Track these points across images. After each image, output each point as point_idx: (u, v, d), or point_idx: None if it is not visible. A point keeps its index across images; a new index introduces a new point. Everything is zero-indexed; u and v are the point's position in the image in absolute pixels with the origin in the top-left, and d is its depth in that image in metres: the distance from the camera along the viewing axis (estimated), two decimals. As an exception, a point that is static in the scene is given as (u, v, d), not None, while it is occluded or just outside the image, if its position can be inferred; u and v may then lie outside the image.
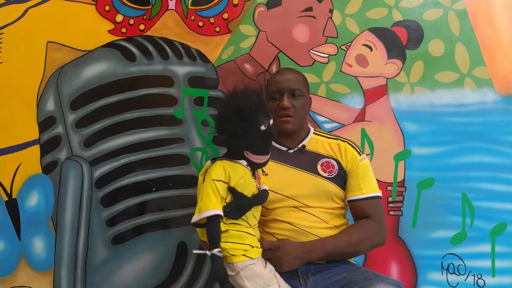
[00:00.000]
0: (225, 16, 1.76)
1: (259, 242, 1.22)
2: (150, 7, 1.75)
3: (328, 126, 1.75)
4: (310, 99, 1.49)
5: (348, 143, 1.45)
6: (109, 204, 1.72)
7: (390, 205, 1.73)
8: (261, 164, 1.23)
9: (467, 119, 1.74)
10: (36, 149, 1.73)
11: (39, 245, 1.73)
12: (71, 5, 1.74)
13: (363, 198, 1.39)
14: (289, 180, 1.38)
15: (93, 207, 1.71)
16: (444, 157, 1.74)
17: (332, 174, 1.40)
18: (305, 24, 1.76)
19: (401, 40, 1.75)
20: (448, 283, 1.74)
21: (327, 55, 1.76)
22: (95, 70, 1.73)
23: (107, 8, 1.74)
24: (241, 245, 1.17)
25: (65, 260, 1.71)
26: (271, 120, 1.19)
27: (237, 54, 1.76)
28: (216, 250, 1.11)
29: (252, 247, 1.18)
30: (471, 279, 1.73)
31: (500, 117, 1.74)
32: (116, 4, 1.75)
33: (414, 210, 1.72)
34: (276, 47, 1.76)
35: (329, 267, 1.31)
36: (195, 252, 1.25)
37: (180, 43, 1.75)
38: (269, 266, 1.21)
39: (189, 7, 1.76)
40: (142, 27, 1.75)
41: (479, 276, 1.73)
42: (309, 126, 1.50)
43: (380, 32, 1.75)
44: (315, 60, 1.76)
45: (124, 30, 1.75)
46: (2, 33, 1.74)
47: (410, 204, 1.73)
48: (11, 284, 1.72)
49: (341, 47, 1.76)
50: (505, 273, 1.73)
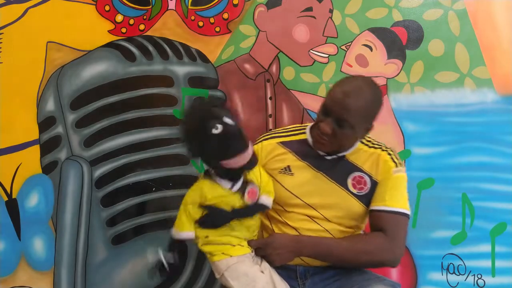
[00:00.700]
0: (225, 16, 1.76)
1: (249, 242, 1.21)
2: (150, 7, 1.75)
3: (328, 126, 1.75)
4: (371, 127, 1.27)
5: (388, 153, 1.31)
6: (109, 204, 1.72)
7: (390, 205, 1.73)
8: (246, 166, 1.14)
9: (467, 119, 1.74)
10: (36, 149, 1.73)
11: (39, 245, 1.73)
12: (71, 5, 1.74)
13: (384, 211, 1.25)
14: (314, 188, 1.29)
15: (93, 207, 1.71)
16: (444, 157, 1.74)
17: (362, 192, 1.28)
18: (305, 24, 1.76)
19: (401, 40, 1.75)
20: (448, 283, 1.74)
21: (327, 55, 1.76)
22: (95, 70, 1.73)
23: (107, 8, 1.74)
24: (220, 246, 1.17)
25: (65, 260, 1.71)
26: (226, 118, 1.09)
27: (237, 54, 1.76)
28: (169, 260, 1.19)
29: (233, 246, 1.17)
30: (471, 279, 1.73)
31: (500, 117, 1.74)
32: (116, 4, 1.75)
33: (414, 210, 1.72)
34: (276, 47, 1.76)
35: (328, 268, 1.29)
36: (159, 251, 1.24)
37: (180, 43, 1.75)
38: (264, 264, 1.21)
39: (189, 7, 1.76)
40: (142, 27, 1.75)
41: (479, 276, 1.73)
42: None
43: (380, 32, 1.75)
44: (315, 60, 1.76)
45: (124, 30, 1.75)
46: (2, 33, 1.74)
47: (410, 204, 1.70)
48: (11, 284, 1.72)
49: (341, 47, 1.76)
50: (505, 273, 1.73)
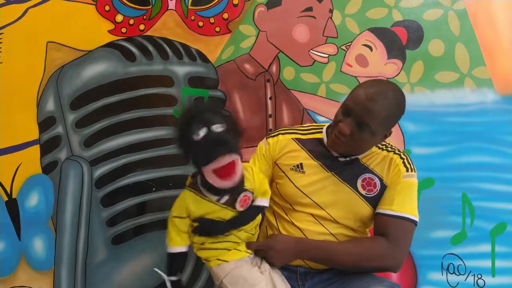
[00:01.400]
0: (225, 16, 1.76)
1: (247, 244, 1.20)
2: (150, 7, 1.75)
3: (328, 126, 1.75)
4: (389, 134, 1.26)
5: (401, 157, 1.29)
6: (109, 204, 1.72)
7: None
8: (230, 190, 1.09)
9: (467, 119, 1.74)
10: (36, 149, 1.73)
11: (39, 245, 1.73)
12: (71, 5, 1.74)
13: (390, 215, 1.23)
14: (324, 188, 1.28)
15: (93, 207, 1.71)
16: (444, 157, 1.74)
17: (371, 194, 1.27)
18: (305, 24, 1.76)
19: (401, 40, 1.75)
20: (448, 283, 1.74)
21: (327, 55, 1.76)
22: (95, 70, 1.73)
23: (107, 8, 1.74)
24: (215, 251, 1.16)
25: (65, 260, 1.71)
26: (214, 125, 1.04)
27: (237, 54, 1.76)
28: (171, 278, 1.18)
29: (229, 250, 1.16)
30: (471, 279, 1.73)
31: (500, 117, 1.74)
32: (116, 4, 1.75)
33: (414, 210, 1.72)
34: (276, 47, 1.76)
35: (328, 270, 1.29)
36: (155, 270, 1.24)
37: (180, 43, 1.75)
38: (264, 265, 1.20)
39: (189, 7, 1.76)
40: (142, 27, 1.75)
41: (479, 276, 1.73)
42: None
43: (380, 32, 1.75)
44: (315, 60, 1.76)
45: (124, 30, 1.75)
46: (2, 33, 1.74)
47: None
48: (11, 284, 1.72)
49: (341, 47, 1.76)
50: (505, 273, 1.73)
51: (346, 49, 1.76)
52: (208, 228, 1.15)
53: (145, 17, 1.75)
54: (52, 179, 1.72)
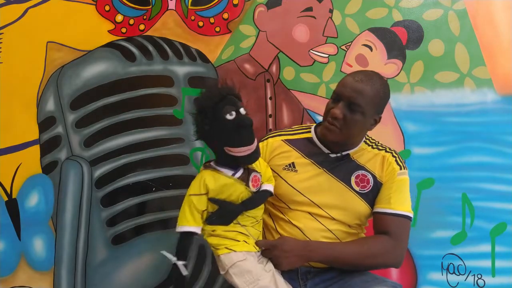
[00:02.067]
0: (225, 16, 1.76)
1: (257, 242, 1.22)
2: (150, 7, 1.75)
3: (328, 126, 1.75)
4: (379, 119, 1.32)
5: (393, 155, 1.34)
6: (109, 204, 1.72)
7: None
8: (247, 158, 1.16)
9: (467, 119, 1.74)
10: (36, 149, 1.73)
11: (39, 245, 1.73)
12: (71, 5, 1.74)
13: (389, 213, 1.28)
14: (318, 185, 1.31)
15: (93, 207, 1.71)
16: (444, 157, 1.74)
17: (365, 190, 1.30)
18: (305, 24, 1.76)
19: (401, 40, 1.75)
20: (448, 283, 1.74)
21: (327, 55, 1.76)
22: (95, 70, 1.73)
23: (107, 8, 1.74)
24: (225, 240, 1.18)
25: (65, 260, 1.71)
26: (242, 109, 1.15)
27: (237, 54, 1.76)
28: (180, 262, 1.16)
29: (238, 241, 1.18)
30: (471, 279, 1.73)
31: (500, 117, 1.74)
32: (116, 4, 1.75)
33: (414, 210, 1.72)
34: (276, 47, 1.76)
35: (329, 270, 1.29)
36: (162, 252, 1.24)
37: (180, 43, 1.75)
38: (269, 265, 1.21)
39: (189, 7, 1.76)
40: (142, 27, 1.75)
41: (479, 276, 1.73)
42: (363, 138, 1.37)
43: (380, 32, 1.75)
44: (315, 60, 1.76)
45: (124, 30, 1.75)
46: (2, 33, 1.74)
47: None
48: (11, 284, 1.72)
49: (341, 47, 1.76)
50: (505, 273, 1.73)
51: (346, 49, 1.76)
52: (222, 214, 1.17)
53: (145, 17, 1.75)
54: (52, 179, 1.72)
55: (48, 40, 1.74)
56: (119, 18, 1.75)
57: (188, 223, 1.17)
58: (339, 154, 1.33)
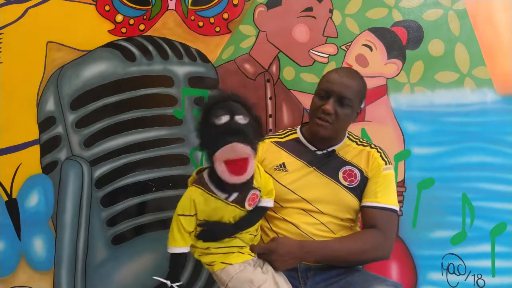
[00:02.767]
0: (225, 16, 1.76)
1: (251, 247, 1.21)
2: (150, 7, 1.75)
3: (328, 126, 1.75)
4: (360, 111, 1.39)
5: (377, 151, 1.39)
6: (109, 204, 1.72)
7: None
8: (236, 186, 1.07)
9: (467, 119, 1.74)
10: (36, 149, 1.73)
11: (39, 245, 1.73)
12: (71, 5, 1.74)
13: (376, 207, 1.32)
14: (308, 183, 1.35)
15: (93, 207, 1.71)
16: (444, 157, 1.74)
17: (352, 184, 1.35)
18: (305, 24, 1.76)
19: (401, 40, 1.75)
20: (448, 283, 1.74)
21: (327, 55, 1.76)
22: (95, 70, 1.73)
23: (107, 8, 1.74)
24: (218, 255, 1.16)
25: (65, 260, 1.71)
26: (238, 117, 1.05)
27: (237, 54, 1.76)
28: (175, 284, 1.14)
29: (233, 253, 1.16)
30: (471, 279, 1.73)
31: (500, 117, 1.73)
32: (116, 4, 1.75)
33: (414, 210, 1.72)
34: (276, 47, 1.76)
35: (329, 268, 1.31)
36: (154, 278, 1.20)
37: (180, 43, 1.75)
38: (266, 266, 1.20)
39: (189, 7, 1.76)
40: (142, 27, 1.75)
41: (479, 276, 1.73)
42: (346, 132, 1.44)
43: (380, 32, 1.75)
44: (315, 60, 1.76)
45: (124, 30, 1.75)
46: (2, 33, 1.74)
47: (410, 204, 1.73)
48: (11, 284, 1.72)
49: (341, 47, 1.76)
50: (505, 273, 1.73)
51: (346, 49, 1.76)
52: (214, 232, 1.14)
53: (145, 17, 1.75)
54: (52, 179, 1.72)
55: (48, 40, 1.74)
56: (119, 18, 1.75)
57: (177, 244, 1.14)
58: (325, 151, 1.38)
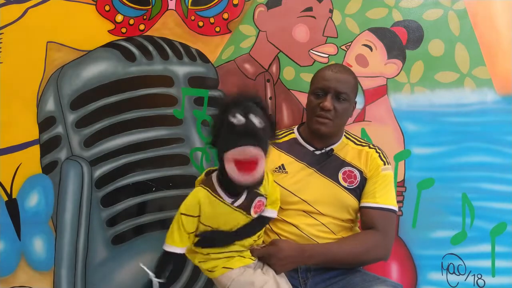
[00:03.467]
0: (225, 16, 1.76)
1: (251, 251, 1.20)
2: (150, 7, 1.75)
3: (328, 126, 1.75)
4: (355, 105, 1.42)
5: (376, 151, 1.39)
6: (109, 204, 1.72)
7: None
8: (249, 184, 1.06)
9: (467, 119, 1.74)
10: (36, 149, 1.73)
11: (39, 245, 1.73)
12: (71, 5, 1.74)
13: (375, 207, 1.32)
14: (308, 183, 1.34)
15: (93, 207, 1.71)
16: (444, 157, 1.74)
17: (352, 185, 1.35)
18: (305, 24, 1.76)
19: (401, 40, 1.75)
20: (448, 283, 1.74)
21: (327, 55, 1.76)
22: (95, 70, 1.73)
23: (107, 8, 1.74)
24: (220, 260, 1.15)
25: (65, 260, 1.71)
26: (254, 117, 1.03)
27: (237, 54, 1.76)
28: (156, 280, 1.12)
29: (233, 257, 1.15)
30: (471, 279, 1.73)
31: (500, 117, 1.73)
32: (116, 4, 1.75)
33: (414, 210, 1.72)
34: (276, 47, 1.76)
35: (330, 269, 1.30)
36: (142, 266, 1.18)
37: (180, 43, 1.75)
38: (267, 268, 1.20)
39: (189, 7, 1.76)
40: (142, 27, 1.75)
41: (479, 276, 1.73)
42: (344, 131, 1.44)
43: (380, 32, 1.75)
44: (315, 60, 1.76)
45: (124, 30, 1.75)
46: (2, 33, 1.74)
47: (410, 204, 1.73)
48: (11, 284, 1.72)
49: (341, 47, 1.76)
50: (505, 273, 1.73)
51: (346, 49, 1.76)
52: (214, 239, 1.13)
53: (145, 17, 1.75)
54: (52, 179, 1.72)
55: (48, 40, 1.74)
56: (119, 18, 1.75)
57: (174, 243, 1.13)
58: (324, 150, 1.37)
